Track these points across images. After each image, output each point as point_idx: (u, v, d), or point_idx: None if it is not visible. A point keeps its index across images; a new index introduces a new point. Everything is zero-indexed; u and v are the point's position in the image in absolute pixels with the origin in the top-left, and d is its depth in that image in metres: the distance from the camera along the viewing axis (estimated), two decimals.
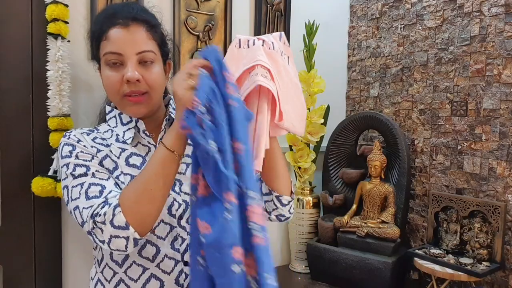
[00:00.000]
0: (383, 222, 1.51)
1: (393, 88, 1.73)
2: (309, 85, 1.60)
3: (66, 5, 1.15)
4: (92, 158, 0.85)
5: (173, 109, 0.99)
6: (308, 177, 1.67)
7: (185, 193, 0.90)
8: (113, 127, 0.94)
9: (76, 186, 0.80)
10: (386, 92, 1.75)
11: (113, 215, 0.73)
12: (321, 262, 1.54)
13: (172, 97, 1.03)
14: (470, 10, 1.45)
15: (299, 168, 1.65)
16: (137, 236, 0.74)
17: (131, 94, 0.86)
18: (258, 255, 0.69)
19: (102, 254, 0.90)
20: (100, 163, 0.85)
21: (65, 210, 1.24)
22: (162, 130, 0.95)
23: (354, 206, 1.61)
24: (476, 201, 1.38)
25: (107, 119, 0.96)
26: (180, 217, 0.88)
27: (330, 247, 1.54)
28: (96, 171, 0.83)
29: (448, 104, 1.52)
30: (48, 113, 1.16)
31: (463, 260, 1.33)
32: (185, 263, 0.87)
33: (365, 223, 1.53)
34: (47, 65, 1.14)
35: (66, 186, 0.82)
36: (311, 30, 1.62)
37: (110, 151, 0.88)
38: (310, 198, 1.67)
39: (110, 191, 0.79)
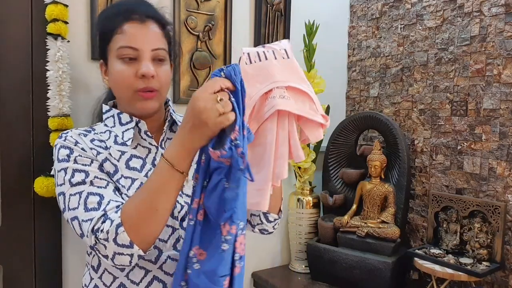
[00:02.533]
0: (383, 222, 1.51)
1: (393, 88, 1.73)
2: None
3: (66, 5, 1.15)
4: (92, 162, 0.82)
5: (173, 110, 0.98)
6: (308, 177, 1.67)
7: (187, 195, 0.89)
8: (110, 127, 0.90)
9: (74, 194, 0.78)
10: (386, 92, 1.75)
11: (116, 233, 0.71)
12: (321, 262, 1.54)
13: (169, 98, 1.02)
14: (470, 10, 1.45)
15: (299, 168, 1.65)
16: (142, 253, 0.73)
17: (144, 90, 0.85)
18: (234, 284, 0.69)
19: (99, 260, 0.87)
20: (100, 166, 0.83)
21: None
22: (164, 132, 0.94)
23: (354, 206, 1.61)
24: (476, 201, 1.38)
25: (103, 118, 0.93)
26: (182, 219, 0.87)
27: (330, 247, 1.54)
28: (95, 177, 0.80)
29: (448, 104, 1.52)
30: (48, 113, 1.16)
31: (463, 260, 1.33)
32: None
33: (365, 223, 1.53)
34: (47, 65, 1.14)
35: (63, 193, 0.79)
36: (311, 30, 1.62)
37: (110, 154, 0.85)
38: (310, 198, 1.67)
39: (109, 202, 0.77)
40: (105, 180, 0.81)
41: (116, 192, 0.80)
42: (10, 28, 1.14)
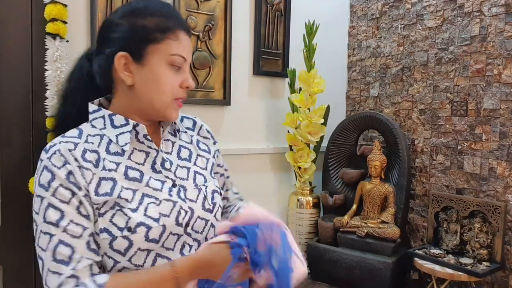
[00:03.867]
0: (383, 222, 1.51)
1: (393, 88, 1.73)
2: (309, 85, 1.59)
3: (65, 5, 1.15)
4: (72, 196, 0.75)
5: None
6: (308, 177, 1.67)
7: (190, 200, 0.87)
8: (100, 129, 0.84)
9: (45, 234, 0.73)
10: (386, 92, 1.75)
11: None
12: (321, 262, 1.54)
13: None
14: (470, 10, 1.45)
15: (299, 168, 1.65)
16: None
17: (182, 99, 0.85)
18: None
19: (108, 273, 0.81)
20: (95, 192, 0.77)
21: None
22: (163, 133, 0.92)
23: (354, 206, 1.61)
24: (476, 201, 1.38)
25: (90, 118, 0.86)
26: (187, 225, 0.85)
27: (330, 247, 1.54)
28: (70, 222, 0.74)
29: (448, 104, 1.52)
30: (46, 113, 1.16)
31: (463, 260, 1.33)
32: None
33: (365, 223, 1.53)
34: (46, 65, 1.14)
35: (35, 222, 0.75)
36: (311, 30, 1.62)
37: (104, 167, 0.80)
38: (310, 198, 1.67)
39: (80, 259, 0.73)
40: (81, 226, 0.75)
41: (90, 243, 0.76)
42: (10, 28, 1.14)
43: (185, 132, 0.96)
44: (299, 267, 0.82)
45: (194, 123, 0.99)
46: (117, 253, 0.77)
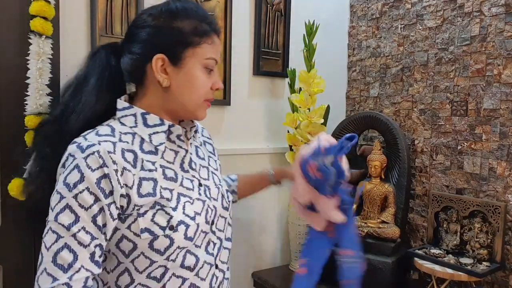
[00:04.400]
0: (383, 222, 1.51)
1: (393, 88, 1.73)
2: (309, 85, 1.59)
3: (48, 2, 1.11)
4: (95, 202, 0.73)
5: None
6: None
7: (214, 198, 0.90)
8: (130, 127, 0.83)
9: (53, 233, 0.72)
10: (386, 92, 1.75)
11: None
12: None
13: None
14: (470, 10, 1.45)
15: None
16: None
17: (211, 100, 0.89)
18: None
19: (134, 278, 0.80)
20: (115, 203, 0.75)
21: None
22: (191, 134, 0.91)
23: (354, 206, 1.61)
24: (476, 201, 1.38)
25: (119, 115, 0.84)
26: (212, 223, 0.88)
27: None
28: (81, 228, 0.72)
29: (448, 104, 1.52)
30: (24, 112, 1.12)
31: (463, 260, 1.33)
32: (216, 266, 0.88)
33: (365, 223, 1.53)
34: (28, 63, 1.11)
35: (47, 219, 0.75)
36: (311, 30, 1.62)
37: (142, 167, 0.79)
38: None
39: (80, 269, 0.72)
40: (91, 235, 0.73)
41: (95, 254, 0.74)
42: (5, 27, 1.14)
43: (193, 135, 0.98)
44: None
45: (197, 126, 0.99)
46: (156, 252, 0.77)
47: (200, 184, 0.88)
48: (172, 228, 0.77)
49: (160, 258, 0.77)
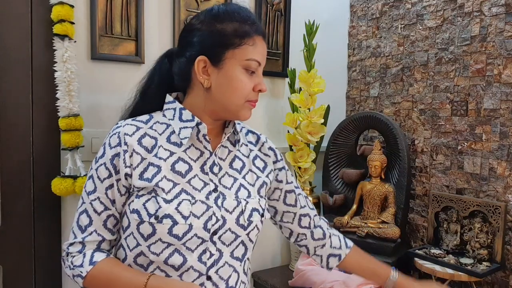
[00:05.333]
0: (383, 222, 1.51)
1: (393, 88, 1.73)
2: (309, 85, 1.59)
3: (72, 6, 1.15)
4: (109, 176, 0.84)
5: (239, 121, 0.99)
6: (308, 177, 1.67)
7: (226, 209, 0.87)
8: (168, 119, 0.89)
9: (81, 198, 0.87)
10: (386, 92, 1.75)
11: (75, 276, 0.84)
12: None
13: None
14: (470, 10, 1.45)
15: (299, 168, 1.65)
16: None
17: (255, 101, 0.90)
18: None
19: (126, 255, 0.86)
20: (139, 176, 0.83)
21: (65, 210, 1.25)
22: (224, 139, 0.92)
23: (354, 206, 1.61)
24: (477, 201, 1.38)
25: (164, 108, 0.91)
26: (215, 233, 0.85)
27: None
28: (97, 198, 0.84)
29: (449, 104, 1.52)
30: (58, 113, 1.17)
31: (464, 260, 1.33)
32: (208, 278, 0.84)
33: (365, 223, 1.53)
34: (55, 66, 1.15)
35: (85, 183, 0.88)
36: (311, 30, 1.62)
37: (155, 155, 0.84)
38: (310, 198, 1.66)
39: (92, 232, 0.85)
40: (104, 205, 0.85)
41: (107, 222, 0.86)
42: (10, 28, 1.14)
43: (246, 145, 0.98)
44: None
45: (258, 138, 1.02)
46: (141, 236, 0.82)
47: (214, 190, 0.87)
48: (157, 218, 0.80)
49: (143, 243, 0.82)
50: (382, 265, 1.04)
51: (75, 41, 1.17)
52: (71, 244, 0.85)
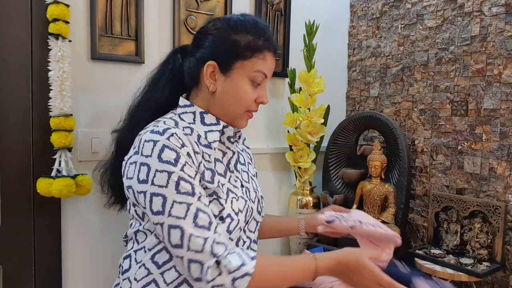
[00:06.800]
0: (383, 222, 1.51)
1: (393, 88, 1.73)
2: (309, 85, 1.59)
3: (67, 5, 1.15)
4: (196, 174, 0.81)
5: None
6: (308, 177, 1.67)
7: (252, 200, 0.95)
8: (189, 123, 0.90)
9: (181, 203, 0.77)
10: (386, 92, 1.75)
11: (239, 278, 0.74)
12: None
13: None
14: (470, 10, 1.45)
15: (299, 168, 1.65)
16: None
17: (252, 112, 0.94)
18: None
19: (170, 254, 0.84)
20: (201, 178, 0.83)
21: (65, 210, 1.24)
22: (239, 138, 1.01)
23: (354, 206, 1.61)
24: (477, 201, 1.38)
25: (179, 112, 0.92)
26: (247, 222, 0.93)
27: (330, 247, 1.54)
28: (200, 193, 0.80)
29: (449, 104, 1.52)
30: (50, 113, 1.16)
31: (464, 260, 1.33)
32: None
33: None
34: (49, 65, 1.14)
35: (163, 196, 0.77)
36: (311, 30, 1.62)
37: (203, 156, 0.87)
38: (310, 198, 1.67)
39: (217, 225, 0.80)
40: (206, 197, 0.82)
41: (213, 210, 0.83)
42: (10, 28, 1.14)
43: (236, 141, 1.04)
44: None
45: (240, 133, 1.06)
46: None
47: (242, 185, 0.94)
48: (221, 218, 0.83)
49: None
50: (287, 218, 1.20)
51: (69, 41, 1.16)
52: (212, 249, 0.75)
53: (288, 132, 1.67)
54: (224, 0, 1.53)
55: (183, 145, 0.81)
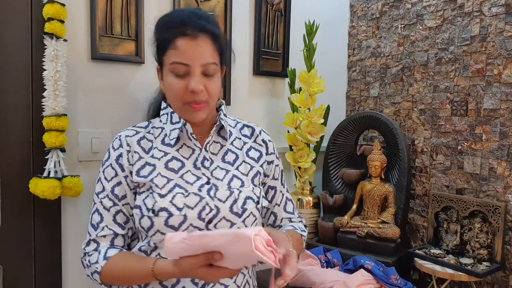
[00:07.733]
0: (383, 222, 1.51)
1: (393, 88, 1.73)
2: (309, 85, 1.59)
3: (63, 4, 1.14)
4: (115, 175, 0.92)
5: (224, 115, 1.01)
6: (308, 177, 1.67)
7: (219, 199, 0.91)
8: (163, 124, 0.98)
9: (93, 200, 0.94)
10: (386, 92, 1.75)
11: (93, 273, 0.90)
12: None
13: (223, 102, 1.03)
14: (470, 10, 1.45)
15: (299, 168, 1.65)
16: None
17: (193, 102, 0.90)
18: None
19: (154, 246, 0.93)
20: (136, 174, 0.91)
21: (65, 210, 1.25)
22: (211, 136, 0.98)
23: (354, 206, 1.61)
24: (476, 201, 1.38)
25: (160, 114, 1.00)
26: (209, 221, 0.89)
27: (330, 247, 1.54)
28: (106, 196, 0.92)
29: (448, 104, 1.52)
30: (43, 113, 1.15)
31: (464, 260, 1.33)
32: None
33: (365, 223, 1.53)
34: (44, 65, 1.14)
35: (95, 187, 0.95)
36: (311, 30, 1.62)
37: (152, 155, 0.93)
38: (310, 198, 1.67)
39: (104, 228, 0.91)
40: (112, 202, 0.92)
41: (116, 217, 0.92)
42: (10, 27, 1.14)
43: (240, 138, 1.03)
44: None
45: (253, 131, 1.07)
46: (142, 229, 0.90)
47: (207, 183, 0.92)
48: (153, 212, 0.87)
49: (146, 235, 0.90)
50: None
51: (65, 40, 1.15)
52: (87, 244, 0.92)
53: (288, 132, 1.67)
54: (224, 0, 1.53)
55: (120, 146, 0.93)
